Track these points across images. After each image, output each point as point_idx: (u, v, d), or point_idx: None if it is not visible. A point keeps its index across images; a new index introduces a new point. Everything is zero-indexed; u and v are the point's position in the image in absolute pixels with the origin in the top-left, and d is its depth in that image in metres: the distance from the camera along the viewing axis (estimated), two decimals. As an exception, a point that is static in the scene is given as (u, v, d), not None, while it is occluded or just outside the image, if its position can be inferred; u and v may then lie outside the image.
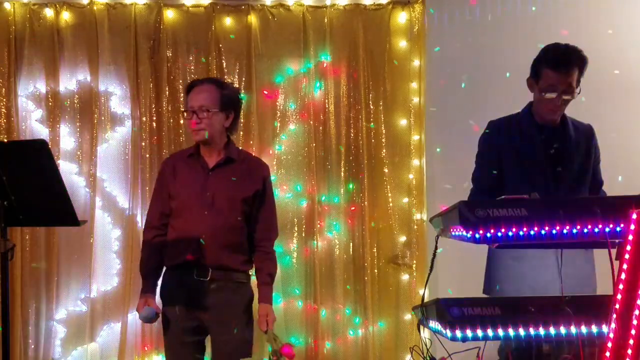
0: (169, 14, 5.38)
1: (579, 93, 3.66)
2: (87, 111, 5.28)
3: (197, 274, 3.66)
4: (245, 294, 3.80)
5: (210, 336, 3.78)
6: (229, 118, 3.78)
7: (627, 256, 2.59)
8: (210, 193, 3.70)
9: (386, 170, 5.48)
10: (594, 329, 2.72)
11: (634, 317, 2.53)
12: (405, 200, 5.49)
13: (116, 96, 5.32)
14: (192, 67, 5.39)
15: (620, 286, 2.58)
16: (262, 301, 3.81)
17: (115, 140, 5.31)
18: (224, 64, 5.41)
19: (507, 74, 3.84)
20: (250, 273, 3.87)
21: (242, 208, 3.75)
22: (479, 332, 2.69)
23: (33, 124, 5.26)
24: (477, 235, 2.63)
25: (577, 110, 3.97)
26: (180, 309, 3.69)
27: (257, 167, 3.90)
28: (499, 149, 3.80)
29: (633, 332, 2.53)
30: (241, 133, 5.38)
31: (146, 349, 5.19)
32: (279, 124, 5.47)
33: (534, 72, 3.71)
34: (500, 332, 2.71)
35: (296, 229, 5.44)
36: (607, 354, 2.57)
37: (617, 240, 2.66)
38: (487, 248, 3.89)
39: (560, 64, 3.59)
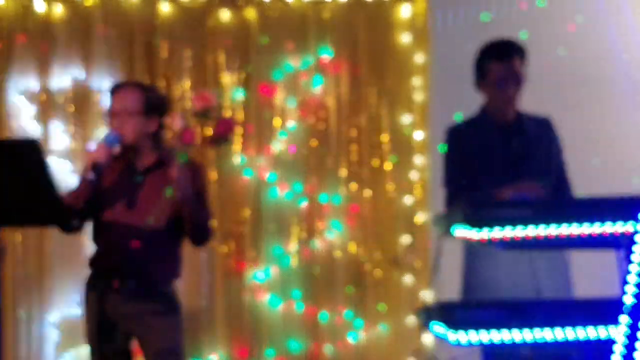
0: (165, 8, 5.33)
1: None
2: (81, 108, 5.25)
3: (118, 279, 3.53)
4: (170, 304, 3.65)
5: (139, 343, 3.62)
6: (153, 122, 3.63)
7: (635, 257, 2.62)
8: (138, 196, 3.57)
9: (388, 169, 5.43)
10: (602, 331, 2.72)
11: (642, 319, 2.56)
12: (408, 200, 5.44)
13: (111, 93, 5.28)
14: (189, 63, 5.34)
15: (628, 288, 2.61)
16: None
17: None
18: (221, 59, 5.37)
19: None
20: (176, 281, 3.73)
21: (174, 213, 3.59)
22: (483, 335, 2.69)
23: (25, 121, 5.22)
24: (481, 237, 2.66)
25: (579, 109, 3.99)
26: (103, 317, 3.54)
27: (188, 169, 3.68)
28: (462, 152, 3.84)
29: (642, 334, 2.56)
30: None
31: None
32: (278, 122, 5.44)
33: (480, 73, 3.81)
34: (504, 335, 2.70)
35: (296, 229, 5.39)
36: (616, 356, 2.61)
37: (625, 241, 2.67)
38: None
39: (502, 54, 3.73)
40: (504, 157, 3.75)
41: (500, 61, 3.71)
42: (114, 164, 3.57)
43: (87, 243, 5.00)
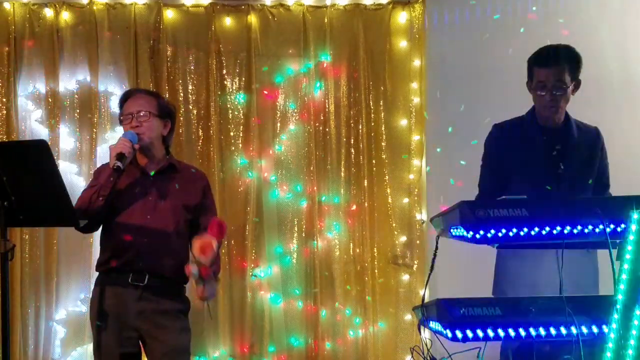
0: (169, 14, 5.39)
1: (575, 89, 3.74)
2: (87, 111, 5.28)
3: (133, 278, 3.56)
4: (182, 303, 3.71)
5: (147, 343, 3.63)
6: (166, 126, 3.73)
7: (627, 256, 2.61)
8: (152, 198, 3.63)
9: (386, 170, 5.48)
10: (594, 329, 2.72)
11: (634, 317, 2.54)
12: (405, 200, 5.49)
13: (116, 96, 5.29)
14: (192, 67, 5.40)
15: (621, 286, 2.60)
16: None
17: (114, 141, 5.28)
18: (224, 63, 5.41)
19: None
20: (186, 286, 3.75)
21: (185, 216, 3.68)
22: (479, 332, 2.69)
23: (33, 124, 5.26)
24: (477, 236, 2.66)
25: (578, 110, 3.99)
26: (115, 316, 3.57)
27: (198, 177, 3.84)
28: (503, 151, 3.85)
29: (634, 332, 2.54)
30: (241, 133, 5.39)
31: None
32: (279, 124, 5.48)
33: (528, 74, 3.81)
34: (501, 332, 2.71)
35: (296, 229, 5.43)
36: (608, 354, 2.59)
37: (617, 241, 2.68)
38: (487, 248, 3.91)
39: (546, 61, 3.71)
40: (543, 159, 3.77)
41: (543, 67, 3.70)
42: (127, 169, 3.62)
43: (93, 242, 5.10)
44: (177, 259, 3.64)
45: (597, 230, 2.65)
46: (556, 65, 3.68)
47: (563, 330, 2.72)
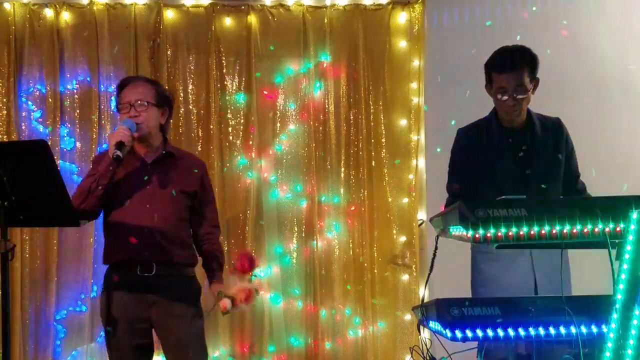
0: (169, 14, 5.39)
1: (535, 88, 3.72)
2: (87, 111, 5.28)
3: (141, 269, 3.56)
4: (192, 288, 3.73)
5: (160, 332, 3.64)
6: (163, 115, 3.75)
7: (627, 256, 2.60)
8: (151, 186, 3.64)
9: (386, 170, 5.48)
10: (594, 329, 2.72)
11: (634, 317, 2.54)
12: (405, 200, 5.49)
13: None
14: (192, 67, 5.40)
15: (621, 286, 2.60)
16: (216, 281, 3.77)
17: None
18: (224, 63, 5.42)
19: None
20: (195, 269, 3.79)
21: (185, 202, 3.70)
22: (479, 332, 2.69)
23: (33, 124, 5.26)
24: (477, 236, 2.65)
25: (577, 110, 4.00)
26: (126, 309, 3.57)
27: (196, 163, 3.86)
28: (470, 155, 3.84)
29: (633, 332, 2.54)
30: (240, 133, 5.39)
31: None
32: (278, 124, 5.48)
33: (487, 78, 3.78)
34: (500, 332, 2.71)
35: (296, 229, 5.44)
36: (608, 354, 2.59)
37: (617, 241, 2.67)
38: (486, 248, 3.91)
39: (504, 66, 3.66)
40: (511, 161, 3.75)
41: (501, 72, 3.66)
42: (126, 159, 3.60)
43: (93, 242, 5.11)
44: (182, 245, 3.67)
45: (596, 230, 2.64)
46: (515, 70, 3.65)
47: (563, 330, 2.72)
